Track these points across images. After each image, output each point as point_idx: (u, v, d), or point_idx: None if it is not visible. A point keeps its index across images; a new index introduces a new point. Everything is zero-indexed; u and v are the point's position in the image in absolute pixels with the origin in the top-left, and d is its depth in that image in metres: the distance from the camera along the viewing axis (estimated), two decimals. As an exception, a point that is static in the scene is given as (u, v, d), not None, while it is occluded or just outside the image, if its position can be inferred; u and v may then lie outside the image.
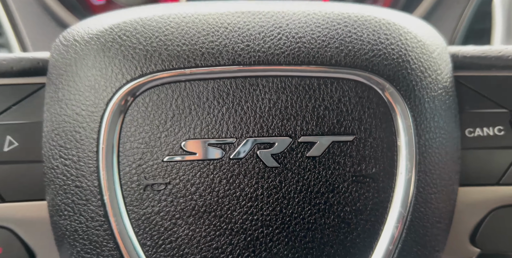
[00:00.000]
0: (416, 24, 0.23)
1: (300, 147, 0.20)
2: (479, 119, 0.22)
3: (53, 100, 0.21)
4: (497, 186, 0.22)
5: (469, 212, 0.23)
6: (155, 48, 0.20)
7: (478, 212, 0.23)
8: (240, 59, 0.20)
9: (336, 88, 0.20)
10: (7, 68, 0.21)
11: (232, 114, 0.20)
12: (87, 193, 0.20)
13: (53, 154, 0.20)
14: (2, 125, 0.21)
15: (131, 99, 0.20)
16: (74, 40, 0.21)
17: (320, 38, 0.20)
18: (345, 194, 0.20)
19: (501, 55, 0.22)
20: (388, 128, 0.20)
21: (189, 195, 0.20)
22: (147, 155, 0.20)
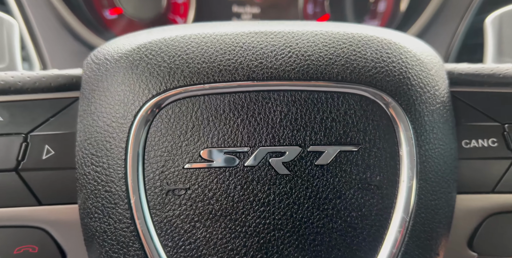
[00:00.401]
0: (415, 43, 0.24)
1: (309, 156, 0.21)
2: (474, 131, 0.24)
3: (86, 113, 0.22)
4: (492, 194, 0.24)
5: (466, 218, 0.24)
6: (177, 65, 0.21)
7: (475, 218, 0.24)
8: (254, 75, 0.21)
9: (342, 102, 0.22)
10: (46, 84, 0.23)
11: (247, 125, 0.21)
12: (115, 197, 0.21)
13: (85, 161, 0.22)
14: (42, 136, 0.22)
15: (156, 111, 0.21)
16: (105, 59, 0.23)
17: (327, 56, 0.22)
18: (351, 200, 0.21)
19: (493, 73, 0.24)
20: (391, 139, 0.22)
21: (206, 199, 0.21)
22: (169, 162, 0.21)
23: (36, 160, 0.22)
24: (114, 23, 0.69)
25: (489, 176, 0.24)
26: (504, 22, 0.31)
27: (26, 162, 0.22)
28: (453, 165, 0.23)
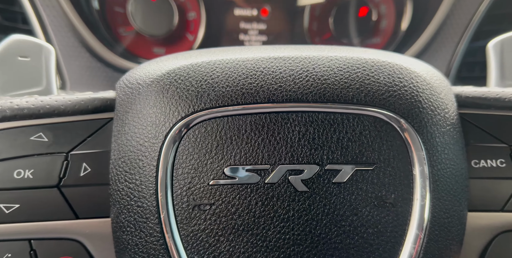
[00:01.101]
0: (425, 68, 0.25)
1: (327, 174, 0.22)
2: (483, 152, 0.24)
3: (120, 133, 0.23)
4: (502, 213, 0.24)
5: (477, 235, 0.24)
6: (204, 89, 0.23)
7: (485, 236, 0.24)
8: (274, 98, 0.22)
9: (358, 123, 0.23)
10: (84, 107, 0.24)
11: (267, 144, 0.22)
12: (147, 212, 0.22)
13: (119, 178, 0.23)
14: (80, 154, 0.23)
15: (184, 131, 0.22)
16: (137, 83, 0.24)
17: (342, 80, 0.23)
18: (367, 217, 0.22)
19: (499, 97, 0.25)
20: (405, 159, 0.22)
21: (229, 215, 0.22)
22: (195, 179, 0.22)
23: (75, 177, 0.23)
24: (128, 39, 0.71)
25: (498, 195, 0.24)
26: (505, 47, 0.33)
27: (66, 179, 0.23)
28: (464, 184, 0.24)
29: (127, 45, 0.71)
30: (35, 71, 0.33)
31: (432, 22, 0.65)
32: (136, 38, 0.71)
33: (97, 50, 0.64)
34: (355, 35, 0.72)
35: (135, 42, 0.71)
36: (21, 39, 0.34)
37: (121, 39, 0.70)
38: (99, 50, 0.64)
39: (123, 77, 0.26)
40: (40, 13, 0.61)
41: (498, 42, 0.34)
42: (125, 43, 0.71)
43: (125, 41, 0.71)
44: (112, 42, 0.69)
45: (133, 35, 0.70)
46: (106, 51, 0.64)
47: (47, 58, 0.33)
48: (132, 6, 0.66)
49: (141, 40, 0.71)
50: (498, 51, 0.33)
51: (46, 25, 0.61)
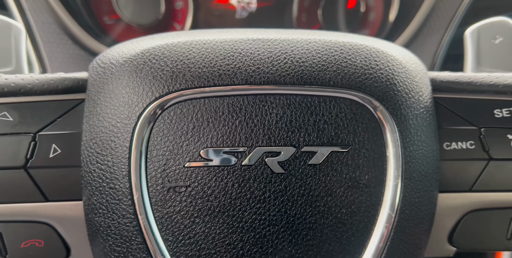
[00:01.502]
0: (402, 52, 0.26)
1: (303, 155, 0.22)
2: (454, 134, 0.25)
3: (92, 114, 0.23)
4: (470, 193, 0.25)
5: (446, 215, 0.25)
6: (179, 70, 0.22)
7: (454, 215, 0.25)
8: (251, 80, 0.22)
9: (334, 105, 0.23)
10: (54, 87, 0.24)
11: (244, 126, 0.22)
12: (119, 193, 0.22)
13: (90, 160, 0.22)
14: (49, 135, 0.23)
15: (159, 112, 0.22)
16: (110, 63, 0.23)
17: (320, 62, 0.23)
18: (341, 198, 0.23)
19: (471, 81, 0.25)
20: (379, 141, 0.23)
21: (206, 197, 0.22)
22: (170, 161, 0.22)
23: (44, 158, 0.23)
24: (113, 28, 0.69)
25: (467, 176, 0.25)
26: (482, 34, 0.34)
27: (34, 160, 0.23)
28: (435, 166, 0.24)
29: (112, 33, 0.70)
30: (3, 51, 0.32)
31: (418, 14, 0.65)
32: (121, 26, 0.69)
33: (80, 37, 0.62)
34: (344, 26, 0.72)
35: (121, 31, 0.70)
36: None
37: (106, 28, 0.69)
38: (82, 37, 0.62)
39: (96, 57, 0.25)
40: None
41: (475, 29, 0.34)
42: (110, 32, 0.70)
43: (110, 30, 0.69)
44: (96, 30, 0.68)
45: (118, 24, 0.69)
46: (89, 39, 0.63)
47: (16, 38, 0.32)
48: (117, -7, 0.65)
49: (126, 29, 0.69)
50: (475, 38, 0.33)
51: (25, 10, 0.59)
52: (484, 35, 0.33)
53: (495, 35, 0.33)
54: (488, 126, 0.25)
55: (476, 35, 0.33)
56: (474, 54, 0.33)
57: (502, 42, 0.33)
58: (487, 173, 0.25)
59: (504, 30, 0.34)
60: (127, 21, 0.67)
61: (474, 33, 0.34)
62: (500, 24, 0.34)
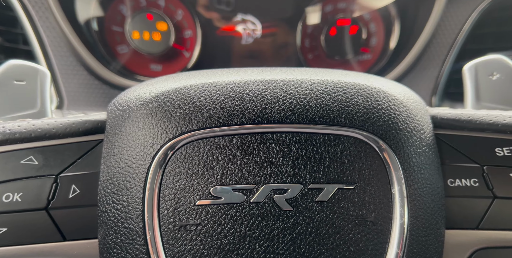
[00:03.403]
0: (402, 91, 0.27)
1: (310, 193, 0.23)
2: (458, 171, 0.25)
3: (109, 155, 0.24)
4: (477, 230, 0.25)
5: (455, 252, 0.25)
6: (192, 111, 0.23)
7: (463, 253, 0.25)
8: (259, 119, 0.23)
9: (339, 143, 0.23)
10: (75, 130, 0.25)
11: (252, 164, 0.23)
12: (133, 233, 0.22)
13: (107, 199, 0.23)
14: (70, 176, 0.24)
15: (172, 152, 0.23)
16: (127, 106, 0.25)
17: (324, 102, 0.24)
18: (349, 236, 0.23)
19: (471, 119, 0.26)
20: (384, 178, 0.23)
21: (215, 235, 0.22)
22: (182, 199, 0.22)
23: (64, 199, 0.24)
24: (125, 57, 0.73)
25: (473, 213, 0.25)
26: (479, 70, 0.35)
27: (55, 201, 0.23)
28: (440, 203, 0.24)
29: (124, 62, 0.73)
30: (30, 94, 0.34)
31: (419, 41, 0.67)
32: (133, 55, 0.73)
33: (94, 68, 0.66)
34: (347, 52, 0.74)
35: (133, 60, 0.73)
36: (17, 64, 0.35)
37: (119, 57, 0.73)
38: (96, 68, 0.66)
39: (114, 99, 0.26)
40: (41, 34, 0.63)
41: (472, 65, 0.36)
42: (123, 61, 0.73)
43: (123, 59, 0.73)
44: (109, 60, 0.71)
45: (130, 53, 0.73)
46: (103, 69, 0.66)
47: (42, 81, 0.34)
48: (130, 25, 0.69)
49: (138, 57, 0.73)
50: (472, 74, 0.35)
51: (45, 45, 0.63)
52: (482, 71, 0.35)
53: (492, 71, 0.34)
54: (490, 164, 0.25)
55: (474, 71, 0.35)
56: (473, 89, 0.34)
57: (499, 78, 0.34)
58: (493, 211, 0.25)
59: (501, 67, 0.35)
60: (138, 51, 0.70)
61: (472, 69, 0.35)
62: (496, 61, 0.35)
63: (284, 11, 0.75)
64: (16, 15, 0.61)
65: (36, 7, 0.62)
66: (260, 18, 0.75)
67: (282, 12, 0.75)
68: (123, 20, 0.71)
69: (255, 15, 0.75)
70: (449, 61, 0.65)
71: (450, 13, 0.66)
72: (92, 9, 0.69)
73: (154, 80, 0.27)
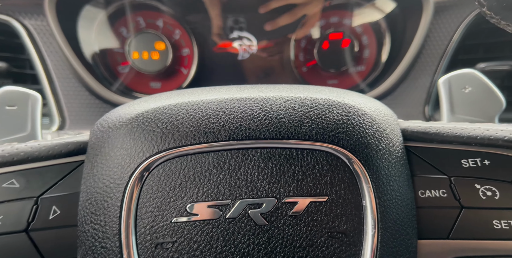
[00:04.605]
0: (372, 106, 0.27)
1: (284, 206, 0.23)
2: (428, 182, 0.26)
3: (89, 175, 0.24)
4: (449, 240, 0.25)
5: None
6: (169, 130, 0.24)
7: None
8: (234, 136, 0.24)
9: (311, 157, 0.24)
10: (58, 151, 0.26)
11: (228, 180, 0.23)
12: (110, 252, 0.23)
13: (85, 219, 0.24)
14: (50, 198, 0.25)
15: (148, 171, 0.23)
16: (108, 127, 0.26)
17: (296, 118, 0.25)
18: (322, 248, 0.23)
19: (438, 132, 0.26)
20: (355, 190, 0.24)
21: (192, 251, 0.22)
22: (158, 217, 0.23)
23: (44, 220, 0.24)
24: (126, 76, 0.76)
25: (444, 224, 0.25)
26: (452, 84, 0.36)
27: (34, 223, 0.24)
28: (411, 214, 0.25)
29: (125, 81, 0.76)
30: (21, 118, 0.36)
31: (409, 52, 0.68)
32: (133, 74, 0.76)
33: (95, 88, 0.69)
34: (340, 64, 0.76)
35: (133, 78, 0.77)
36: (10, 89, 0.37)
37: (120, 76, 0.76)
38: (96, 88, 0.69)
39: (98, 121, 0.27)
40: (45, 59, 0.67)
41: (446, 79, 0.36)
42: (123, 80, 0.76)
43: (123, 78, 0.76)
44: (110, 80, 0.75)
45: (131, 72, 0.76)
46: (103, 89, 0.69)
47: (33, 106, 0.36)
48: (130, 45, 0.72)
49: (138, 76, 0.76)
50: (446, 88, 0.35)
51: (49, 69, 0.67)
52: (455, 85, 0.35)
53: (465, 85, 0.35)
54: (457, 175, 0.25)
55: (448, 84, 0.36)
56: (448, 102, 0.35)
57: (471, 91, 0.35)
58: (462, 221, 0.25)
59: (472, 80, 0.36)
60: (138, 70, 0.74)
61: (446, 83, 0.36)
62: (468, 75, 0.36)
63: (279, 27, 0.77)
64: (23, 42, 0.66)
65: (41, 34, 0.67)
66: (255, 34, 0.78)
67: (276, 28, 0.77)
68: (124, 41, 0.74)
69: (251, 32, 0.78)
70: (440, 71, 0.66)
71: (438, 25, 0.67)
72: (94, 33, 0.73)
73: (136, 101, 0.28)
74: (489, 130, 0.26)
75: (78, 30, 0.71)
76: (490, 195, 0.25)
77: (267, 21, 0.77)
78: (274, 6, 0.75)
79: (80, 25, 0.71)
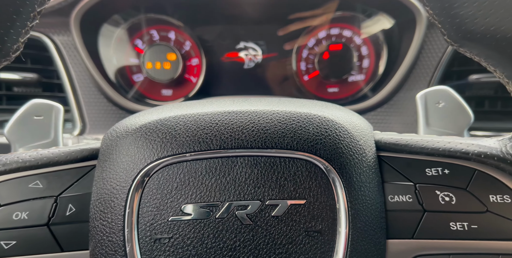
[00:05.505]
0: (349, 120, 0.29)
1: (267, 208, 0.25)
2: (396, 188, 0.27)
3: (99, 178, 0.27)
4: (413, 240, 0.27)
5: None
6: (168, 140, 0.26)
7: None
8: (225, 145, 0.26)
9: (292, 165, 0.26)
10: (74, 157, 0.28)
11: (218, 184, 0.25)
12: (115, 245, 0.25)
13: (95, 216, 0.26)
14: (67, 197, 0.27)
15: (149, 176, 0.25)
16: (116, 136, 0.28)
17: (280, 130, 0.27)
18: (300, 245, 0.25)
19: (407, 144, 0.28)
20: (330, 195, 0.25)
21: (185, 246, 0.24)
22: (157, 216, 0.25)
23: (62, 216, 0.27)
24: (141, 85, 0.81)
25: (409, 225, 0.27)
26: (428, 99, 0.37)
27: (54, 218, 0.27)
28: (380, 216, 0.26)
29: (139, 89, 0.81)
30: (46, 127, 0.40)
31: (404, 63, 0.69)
32: (147, 83, 0.80)
33: (112, 96, 0.73)
34: (340, 74, 0.78)
35: (147, 87, 0.81)
36: (37, 102, 0.42)
37: (135, 85, 0.81)
38: (114, 96, 0.73)
39: (108, 130, 0.30)
40: (69, 70, 0.72)
41: (422, 95, 0.38)
42: (138, 88, 0.81)
43: (138, 86, 0.81)
44: (126, 89, 0.80)
45: (144, 81, 0.80)
46: (119, 97, 0.74)
47: (56, 116, 0.40)
48: (144, 57, 0.77)
49: (151, 84, 0.80)
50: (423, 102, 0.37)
51: (73, 79, 0.73)
52: (430, 100, 0.37)
53: (439, 100, 0.37)
54: (421, 182, 0.27)
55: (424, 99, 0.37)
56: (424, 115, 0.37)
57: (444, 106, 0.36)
58: (424, 223, 0.26)
59: (445, 96, 0.37)
60: (151, 79, 0.78)
61: (422, 98, 0.38)
62: (442, 92, 0.37)
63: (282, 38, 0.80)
64: (51, 55, 0.71)
65: (66, 48, 0.72)
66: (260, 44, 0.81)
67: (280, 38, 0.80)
68: (139, 53, 0.79)
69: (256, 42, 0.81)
70: (434, 82, 0.67)
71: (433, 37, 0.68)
72: (112, 46, 0.79)
73: (141, 113, 0.31)
74: (450, 143, 0.28)
75: (98, 44, 0.76)
76: (448, 200, 0.27)
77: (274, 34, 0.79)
78: (293, 29, 0.78)
79: (100, 40, 0.76)
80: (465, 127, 0.36)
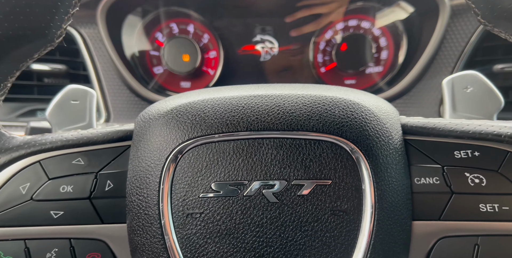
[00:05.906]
0: (375, 103, 0.29)
1: (293, 188, 0.25)
2: (423, 171, 0.27)
3: (134, 157, 0.28)
4: (440, 221, 0.27)
5: (422, 240, 0.27)
6: (197, 122, 0.27)
7: (429, 241, 0.27)
8: (251, 127, 0.26)
9: (318, 147, 0.26)
10: (111, 137, 0.30)
11: (245, 164, 0.26)
12: (151, 219, 0.26)
13: (132, 192, 0.27)
14: (106, 174, 0.29)
15: (181, 155, 0.26)
16: (149, 118, 0.29)
17: (306, 113, 0.27)
18: (325, 224, 0.25)
19: (435, 127, 0.28)
20: (356, 176, 0.26)
21: (215, 221, 0.25)
22: (189, 192, 0.26)
23: (102, 191, 0.28)
24: (160, 76, 0.83)
25: (436, 207, 0.27)
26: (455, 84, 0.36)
27: (95, 192, 0.28)
28: (406, 198, 0.27)
29: (159, 81, 0.83)
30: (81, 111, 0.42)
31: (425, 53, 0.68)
32: (167, 75, 0.82)
33: (135, 87, 0.76)
34: (357, 65, 0.77)
35: (166, 78, 0.83)
36: (73, 87, 0.44)
37: (155, 76, 0.82)
38: (136, 87, 0.75)
39: (140, 113, 0.31)
40: (95, 62, 0.75)
41: (449, 80, 0.37)
42: (158, 80, 0.83)
43: (158, 78, 0.83)
44: (147, 80, 0.81)
45: (164, 73, 0.82)
46: (141, 88, 0.76)
47: (90, 100, 0.42)
48: (165, 49, 0.78)
49: (171, 76, 0.82)
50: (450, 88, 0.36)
51: (98, 70, 0.75)
52: (457, 85, 0.36)
53: (467, 85, 0.36)
54: (449, 165, 0.27)
55: (451, 85, 0.36)
56: (450, 101, 0.36)
57: (472, 91, 0.36)
58: (452, 205, 0.26)
59: (474, 81, 0.36)
60: (171, 71, 0.79)
61: (449, 84, 0.37)
62: (470, 76, 0.36)
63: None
64: (78, 48, 0.74)
65: (92, 40, 0.74)
66: (277, 37, 0.80)
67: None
68: (159, 46, 0.81)
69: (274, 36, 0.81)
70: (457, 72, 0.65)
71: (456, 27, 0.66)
72: (134, 39, 0.80)
73: (171, 97, 0.32)
74: (481, 125, 0.27)
75: (122, 37, 0.78)
76: (477, 182, 0.26)
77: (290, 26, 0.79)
78: (300, 16, 0.77)
79: (123, 32, 0.78)
80: (495, 112, 0.36)
